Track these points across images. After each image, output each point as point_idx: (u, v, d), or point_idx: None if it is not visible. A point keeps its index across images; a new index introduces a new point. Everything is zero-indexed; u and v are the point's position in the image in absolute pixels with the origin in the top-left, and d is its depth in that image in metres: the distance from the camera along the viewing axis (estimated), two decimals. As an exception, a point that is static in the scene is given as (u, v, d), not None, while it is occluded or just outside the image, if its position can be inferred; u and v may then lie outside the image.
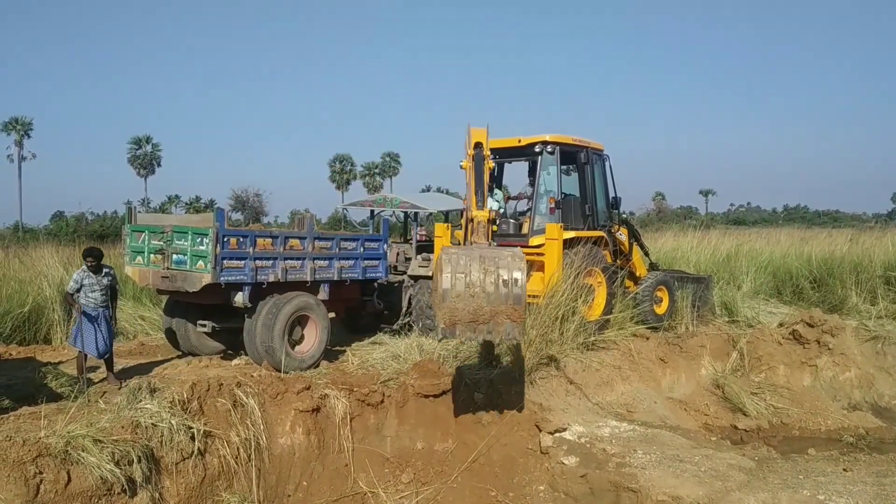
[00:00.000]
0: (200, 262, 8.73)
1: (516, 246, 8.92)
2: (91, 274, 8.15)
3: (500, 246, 6.94)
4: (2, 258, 14.46)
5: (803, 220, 42.45)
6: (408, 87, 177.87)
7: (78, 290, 8.09)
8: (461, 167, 7.98)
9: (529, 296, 9.59)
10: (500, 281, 6.24)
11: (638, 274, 12.83)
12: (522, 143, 11.31)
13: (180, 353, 10.22)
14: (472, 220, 7.15)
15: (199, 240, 8.74)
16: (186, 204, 61.69)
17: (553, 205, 10.89)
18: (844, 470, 7.16)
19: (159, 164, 68.07)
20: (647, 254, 13.71)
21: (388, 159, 73.68)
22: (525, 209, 11.69)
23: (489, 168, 7.81)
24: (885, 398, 12.12)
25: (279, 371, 8.45)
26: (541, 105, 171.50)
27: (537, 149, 11.08)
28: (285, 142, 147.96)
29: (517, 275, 6.26)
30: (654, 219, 50.76)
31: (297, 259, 9.57)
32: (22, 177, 62.70)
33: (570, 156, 11.54)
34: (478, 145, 7.77)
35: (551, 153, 11.09)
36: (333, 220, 38.31)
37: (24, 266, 13.37)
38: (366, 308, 11.87)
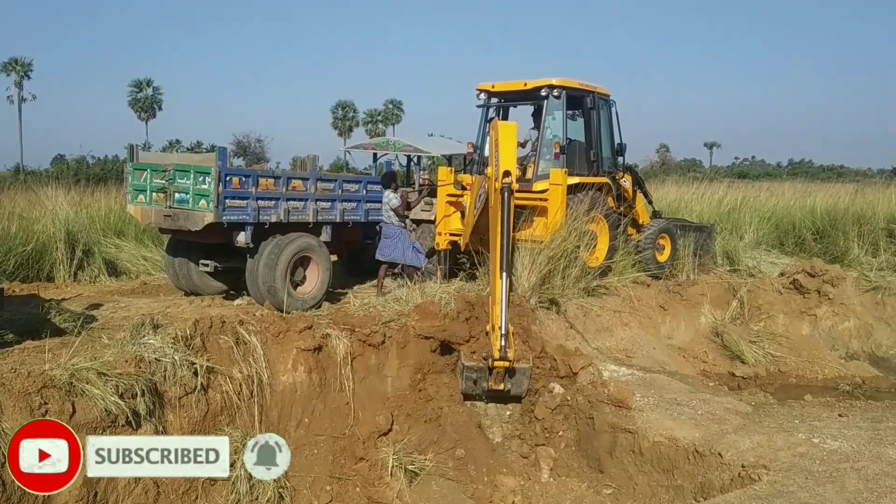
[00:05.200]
0: (203, 201, 8.71)
1: (520, 191, 8.87)
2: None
3: None
4: (5, 197, 14.38)
5: (807, 175, 42.19)
6: (412, 34, 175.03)
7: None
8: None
9: (533, 241, 9.60)
10: None
11: (641, 221, 12.78)
12: (528, 87, 11.13)
13: (183, 292, 10.27)
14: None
15: (201, 178, 8.71)
16: (188, 149, 61.12)
17: (558, 150, 10.78)
18: (840, 415, 7.22)
19: (160, 108, 67.15)
20: (650, 202, 13.65)
21: (390, 106, 72.84)
22: (528, 153, 11.58)
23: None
24: (883, 348, 12.21)
25: (281, 311, 8.49)
26: (545, 51, 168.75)
27: (543, 93, 10.91)
28: (287, 88, 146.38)
29: None
30: (657, 171, 50.22)
31: (300, 200, 9.55)
32: (22, 119, 61.98)
33: (577, 100, 11.37)
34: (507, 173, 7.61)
35: (557, 97, 10.92)
36: (335, 167, 37.99)
37: (30, 205, 13.31)
38: (368, 251, 11.87)
